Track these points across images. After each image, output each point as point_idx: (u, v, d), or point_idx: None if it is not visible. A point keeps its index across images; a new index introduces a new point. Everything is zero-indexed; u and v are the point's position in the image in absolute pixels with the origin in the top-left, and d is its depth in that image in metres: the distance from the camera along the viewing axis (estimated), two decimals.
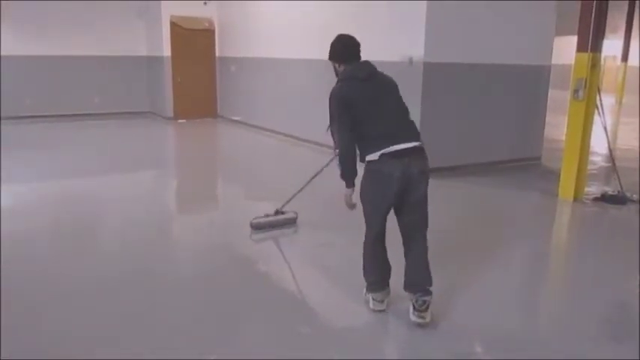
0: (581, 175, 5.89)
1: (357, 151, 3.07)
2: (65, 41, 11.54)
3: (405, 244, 3.16)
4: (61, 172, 7.17)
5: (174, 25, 11.64)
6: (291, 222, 4.82)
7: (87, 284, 3.66)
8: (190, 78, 12.06)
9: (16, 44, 11.08)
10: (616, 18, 16.77)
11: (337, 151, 3.17)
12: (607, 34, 5.77)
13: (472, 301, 3.44)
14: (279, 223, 4.74)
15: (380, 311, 3.21)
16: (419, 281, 3.09)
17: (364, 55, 3.21)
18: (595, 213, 5.66)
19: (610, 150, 6.53)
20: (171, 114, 11.95)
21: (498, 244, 4.59)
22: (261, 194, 6.22)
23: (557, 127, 9.82)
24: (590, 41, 5.57)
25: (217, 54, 12.35)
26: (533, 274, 4.20)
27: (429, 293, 3.07)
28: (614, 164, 6.32)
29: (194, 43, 11.97)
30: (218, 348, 2.88)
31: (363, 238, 3.21)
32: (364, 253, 3.24)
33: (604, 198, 5.91)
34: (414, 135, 3.03)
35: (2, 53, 10.84)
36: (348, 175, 3.12)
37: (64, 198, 5.97)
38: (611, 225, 5.44)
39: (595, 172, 7.19)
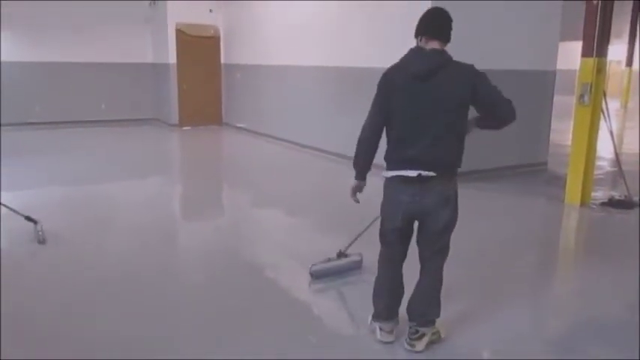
0: (588, 180, 5.88)
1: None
2: (73, 48, 11.61)
3: (420, 269, 2.94)
4: (68, 178, 7.19)
5: (179, 33, 11.71)
6: (357, 266, 4.01)
7: (96, 288, 3.68)
8: (196, 85, 12.11)
9: (25, 51, 11.18)
10: (620, 23, 16.76)
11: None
12: (611, 38, 5.78)
13: (478, 312, 3.41)
14: (343, 269, 3.97)
15: (388, 343, 2.95)
16: (418, 312, 2.91)
17: (370, 61, 3.10)
18: (602, 218, 5.64)
19: (616, 154, 6.51)
20: (176, 121, 12.00)
21: (505, 250, 4.59)
22: (266, 201, 6.24)
23: (563, 132, 9.82)
24: (596, 46, 5.58)
25: (223, 61, 12.42)
26: (541, 282, 4.17)
27: (428, 324, 2.90)
28: (620, 169, 6.31)
29: (200, 50, 12.03)
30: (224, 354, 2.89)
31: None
32: (377, 274, 3.02)
33: (611, 203, 5.89)
34: (439, 163, 2.68)
35: (11, 60, 10.94)
36: (357, 165, 2.93)
37: (70, 203, 5.98)
38: (619, 230, 5.41)
39: (601, 176, 7.17)
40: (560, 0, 7.65)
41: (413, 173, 2.67)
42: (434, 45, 2.71)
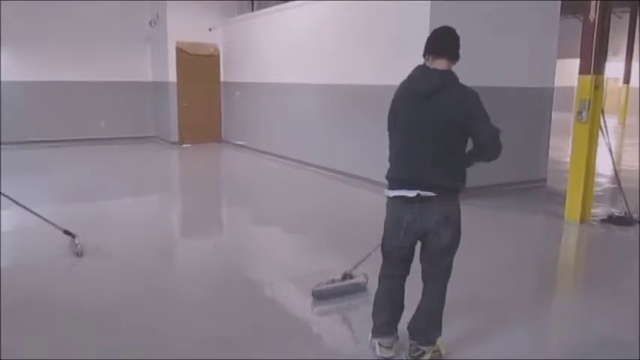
0: (587, 197, 5.87)
1: None
2: (72, 67, 11.68)
3: (423, 289, 2.93)
4: (68, 195, 7.18)
5: (179, 51, 11.79)
6: (361, 289, 3.89)
7: (93, 307, 3.66)
8: (195, 103, 12.16)
9: (24, 70, 11.24)
10: (617, 40, 16.93)
11: None
12: (609, 56, 5.82)
13: (478, 330, 3.39)
14: (346, 291, 3.86)
15: (388, 359, 2.94)
16: (420, 331, 2.91)
17: (370, 79, 3.10)
18: (602, 235, 5.62)
19: (615, 171, 6.51)
20: (176, 138, 12.02)
21: (505, 268, 4.56)
22: (266, 220, 6.23)
23: (562, 149, 9.84)
24: (593, 63, 5.61)
25: (222, 79, 12.49)
26: (542, 300, 4.15)
27: (429, 343, 2.89)
28: (619, 185, 6.30)
29: (199, 68, 12.10)
30: None
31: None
32: (377, 289, 3.00)
33: (611, 219, 5.87)
34: (436, 183, 2.66)
35: (11, 79, 11.00)
36: None
37: (70, 221, 5.95)
38: (619, 247, 5.39)
39: (601, 193, 7.16)
40: (558, 17, 7.73)
41: (412, 193, 2.66)
42: (441, 63, 2.72)
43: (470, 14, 6.66)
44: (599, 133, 5.81)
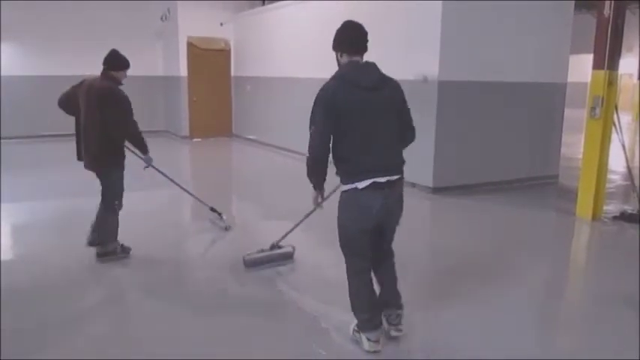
0: (600, 194, 5.82)
1: (334, 162, 2.87)
2: (83, 61, 11.72)
3: (375, 267, 3.03)
4: (78, 189, 7.22)
5: (191, 46, 11.83)
6: (288, 257, 4.45)
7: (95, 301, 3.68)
8: (206, 97, 12.20)
9: (35, 64, 11.33)
10: (632, 36, 16.71)
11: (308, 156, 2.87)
12: (623, 52, 5.75)
13: (487, 328, 3.38)
14: (275, 259, 4.35)
15: (376, 352, 2.94)
16: (395, 299, 3.09)
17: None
18: (615, 232, 5.57)
19: (628, 168, 6.44)
20: (186, 133, 12.08)
21: (515, 266, 4.53)
22: (275, 214, 6.23)
23: (574, 145, 9.76)
24: (607, 59, 5.55)
25: (233, 73, 12.51)
26: (552, 298, 4.13)
27: (401, 307, 3.09)
28: (632, 182, 6.24)
29: (210, 62, 12.14)
30: None
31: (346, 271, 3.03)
32: (350, 288, 3.00)
33: (623, 217, 5.82)
34: (399, 166, 2.85)
35: (20, 73, 11.08)
36: (314, 179, 2.99)
37: (81, 215, 6.00)
38: (632, 245, 5.33)
39: (613, 190, 7.10)
40: (572, 12, 7.65)
41: (382, 179, 2.75)
42: (358, 59, 2.90)
43: (482, 8, 6.62)
44: (613, 129, 5.75)
